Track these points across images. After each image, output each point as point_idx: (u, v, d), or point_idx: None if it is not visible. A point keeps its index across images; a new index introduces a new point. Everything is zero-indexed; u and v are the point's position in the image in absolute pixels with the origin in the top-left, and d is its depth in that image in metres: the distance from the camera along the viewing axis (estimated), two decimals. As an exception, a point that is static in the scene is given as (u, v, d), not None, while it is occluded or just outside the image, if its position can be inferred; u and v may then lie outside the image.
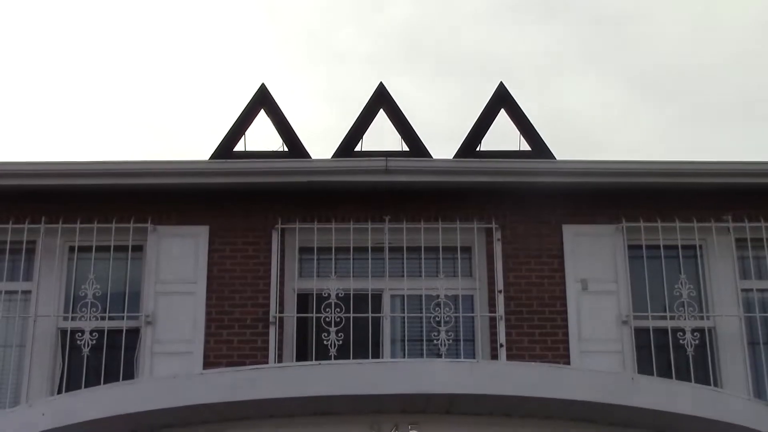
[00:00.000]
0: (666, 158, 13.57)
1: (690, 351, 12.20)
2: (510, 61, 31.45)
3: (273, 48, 31.93)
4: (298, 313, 12.52)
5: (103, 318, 12.36)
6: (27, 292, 12.57)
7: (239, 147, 13.90)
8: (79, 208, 12.67)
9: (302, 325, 12.50)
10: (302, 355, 12.33)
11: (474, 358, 12.21)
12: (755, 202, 12.77)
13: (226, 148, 13.76)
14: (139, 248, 12.66)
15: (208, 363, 12.08)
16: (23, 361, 12.25)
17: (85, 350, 12.18)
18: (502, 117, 14.02)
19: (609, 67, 32.19)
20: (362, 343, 12.28)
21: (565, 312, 12.41)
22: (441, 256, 12.66)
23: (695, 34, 31.40)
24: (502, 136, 13.97)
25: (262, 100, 14.01)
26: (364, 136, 13.92)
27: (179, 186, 12.73)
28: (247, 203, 12.78)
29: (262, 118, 14.04)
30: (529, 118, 13.93)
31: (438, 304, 12.40)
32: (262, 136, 14.06)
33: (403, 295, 12.63)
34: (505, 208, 12.80)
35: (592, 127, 32.03)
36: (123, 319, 12.41)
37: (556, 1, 30.64)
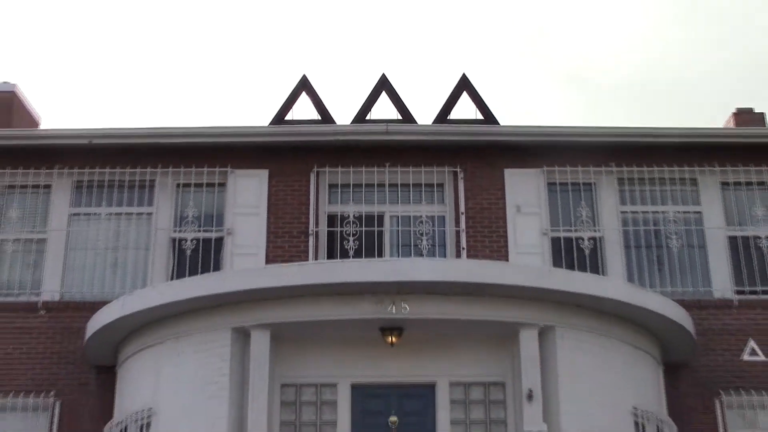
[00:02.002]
0: (582, 125, 13.44)
1: (587, 252, 12.44)
2: (474, 50, 30.97)
3: (312, 39, 31.11)
4: (328, 227, 12.64)
5: (199, 231, 12.53)
6: (150, 214, 12.72)
7: (288, 117, 13.70)
8: (182, 158, 12.79)
9: (331, 235, 12.60)
10: (331, 255, 12.45)
11: (446, 257, 12.37)
12: (632, 154, 12.81)
13: (279, 117, 13.67)
14: (222, 185, 12.78)
15: (269, 260, 12.26)
16: (148, 259, 12.49)
17: (188, 252, 12.47)
18: (465, 96, 13.87)
19: (545, 54, 31.95)
20: (370, 248, 12.47)
21: (505, 227, 12.49)
22: (423, 190, 12.79)
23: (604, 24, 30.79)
24: (464, 108, 13.90)
25: (304, 86, 13.86)
26: (372, 109, 13.79)
27: (250, 143, 12.81)
28: (294, 154, 12.83)
29: (303, 98, 13.84)
30: (482, 97, 13.77)
31: (421, 222, 12.59)
32: (302, 109, 13.97)
33: (398, 216, 12.69)
34: (465, 158, 12.84)
35: (535, 101, 31.80)
36: (212, 231, 12.58)
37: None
